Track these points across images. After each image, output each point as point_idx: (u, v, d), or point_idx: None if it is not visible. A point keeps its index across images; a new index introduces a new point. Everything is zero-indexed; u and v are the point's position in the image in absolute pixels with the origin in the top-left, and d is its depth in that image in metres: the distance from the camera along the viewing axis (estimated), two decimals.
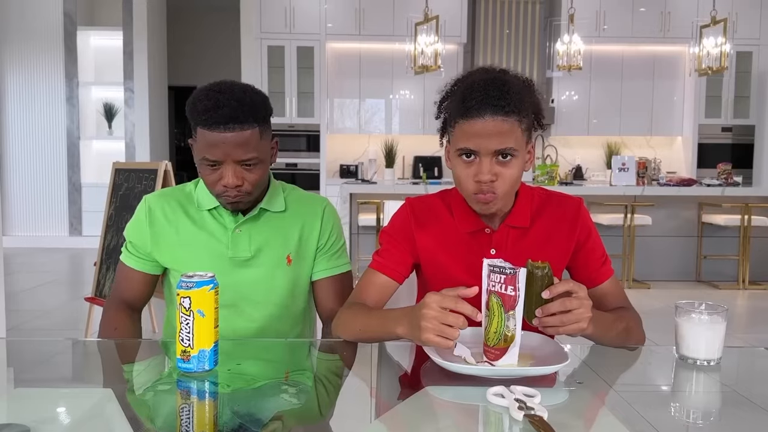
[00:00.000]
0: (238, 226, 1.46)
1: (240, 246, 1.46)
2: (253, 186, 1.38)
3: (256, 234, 1.47)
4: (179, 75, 9.02)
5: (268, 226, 1.49)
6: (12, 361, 1.28)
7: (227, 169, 1.34)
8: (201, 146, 1.34)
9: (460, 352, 1.09)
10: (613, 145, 7.67)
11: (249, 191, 1.38)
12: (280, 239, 1.49)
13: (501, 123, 1.19)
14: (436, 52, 5.76)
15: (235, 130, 1.31)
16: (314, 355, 1.35)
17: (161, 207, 1.51)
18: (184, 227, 1.48)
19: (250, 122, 1.33)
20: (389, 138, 7.61)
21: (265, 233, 1.48)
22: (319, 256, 1.55)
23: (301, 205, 1.54)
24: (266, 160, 1.40)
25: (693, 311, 1.16)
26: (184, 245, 1.48)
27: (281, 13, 7.21)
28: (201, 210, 1.48)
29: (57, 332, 3.89)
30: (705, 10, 6.67)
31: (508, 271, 1.05)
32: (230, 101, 1.32)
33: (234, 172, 1.34)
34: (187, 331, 1.05)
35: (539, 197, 1.37)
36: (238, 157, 1.33)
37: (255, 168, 1.37)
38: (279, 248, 1.48)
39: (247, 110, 1.33)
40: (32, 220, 7.31)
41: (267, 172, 1.44)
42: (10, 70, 7.16)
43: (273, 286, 1.49)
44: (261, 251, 1.47)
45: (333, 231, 1.56)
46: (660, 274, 5.57)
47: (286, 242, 1.49)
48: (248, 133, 1.33)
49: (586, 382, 1.12)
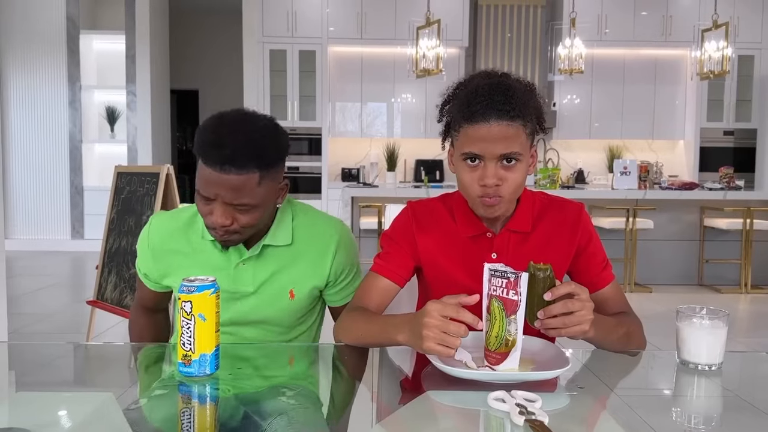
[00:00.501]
0: (242, 261, 1.40)
1: (243, 281, 1.40)
2: (244, 228, 1.30)
3: (261, 269, 1.40)
4: (181, 78, 9.04)
5: (274, 262, 1.41)
6: (13, 365, 1.28)
7: (217, 208, 1.26)
8: (198, 177, 1.28)
9: (461, 357, 1.09)
10: (614, 149, 7.66)
11: (238, 232, 1.30)
12: (285, 275, 1.41)
13: (506, 128, 1.20)
14: (438, 55, 5.77)
15: (231, 173, 1.22)
16: (315, 360, 1.35)
17: (162, 235, 1.46)
18: (187, 255, 1.43)
19: (249, 168, 1.23)
20: (391, 141, 7.62)
21: (271, 269, 1.41)
22: (332, 288, 1.48)
23: (311, 239, 1.43)
24: (263, 205, 1.30)
25: (694, 316, 1.16)
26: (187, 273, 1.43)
27: (283, 17, 7.22)
28: (205, 240, 1.41)
29: (59, 335, 3.89)
30: (706, 14, 6.67)
31: (510, 276, 1.05)
32: (234, 141, 1.23)
33: (223, 212, 1.26)
34: (188, 335, 1.05)
35: (540, 202, 1.37)
36: (229, 200, 1.25)
37: (248, 212, 1.28)
38: (283, 283, 1.42)
39: (250, 154, 1.23)
40: (34, 223, 7.33)
41: (263, 216, 1.33)
42: (14, 73, 7.18)
43: (271, 315, 1.44)
44: (264, 286, 1.41)
45: (346, 267, 1.46)
46: (662, 278, 5.57)
47: (291, 278, 1.42)
48: (244, 178, 1.23)
49: (588, 386, 1.12)
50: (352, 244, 1.49)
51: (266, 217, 1.35)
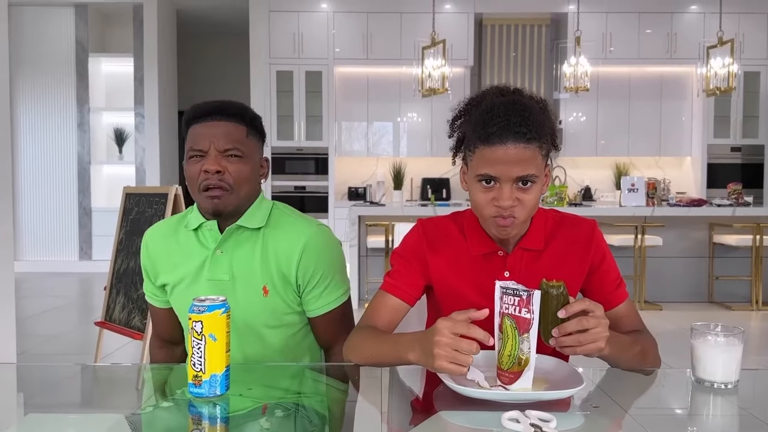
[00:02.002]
0: (219, 247, 1.43)
1: (219, 268, 1.43)
2: (234, 180, 1.37)
3: (237, 257, 1.43)
4: (189, 100, 9.06)
5: (248, 250, 1.44)
6: (22, 387, 1.28)
7: (210, 156, 1.37)
8: (189, 142, 1.39)
9: (473, 376, 1.08)
10: (621, 166, 7.66)
11: (230, 184, 1.37)
12: (258, 268, 1.43)
13: (523, 150, 1.19)
14: (444, 75, 5.80)
15: (221, 121, 1.38)
16: (325, 379, 1.34)
17: (154, 237, 1.52)
18: (173, 250, 1.49)
19: (236, 119, 1.40)
20: (397, 160, 7.64)
21: (245, 259, 1.43)
22: (306, 296, 1.47)
23: (283, 231, 1.45)
24: (251, 160, 1.41)
25: (709, 333, 1.14)
26: (175, 269, 1.48)
27: (290, 39, 7.29)
28: (188, 230, 1.47)
29: (67, 357, 3.89)
30: (711, 31, 6.70)
31: (523, 294, 1.04)
32: (220, 101, 1.42)
33: (215, 159, 1.36)
34: (198, 355, 1.04)
35: (553, 220, 1.36)
36: (221, 146, 1.36)
37: (237, 162, 1.38)
38: (256, 276, 1.43)
39: (235, 108, 1.41)
40: (42, 244, 7.36)
41: (251, 176, 1.42)
42: (24, 96, 7.27)
43: (251, 316, 1.44)
44: (239, 276, 1.43)
45: (318, 270, 1.45)
46: (672, 295, 5.52)
47: (263, 271, 1.43)
48: (232, 126, 1.39)
49: (602, 406, 1.10)
50: (325, 248, 1.47)
51: (248, 184, 1.41)
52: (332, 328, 1.50)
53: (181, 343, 1.61)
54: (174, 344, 1.62)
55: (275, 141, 7.37)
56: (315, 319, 1.49)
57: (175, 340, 1.61)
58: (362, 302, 5.32)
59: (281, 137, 7.39)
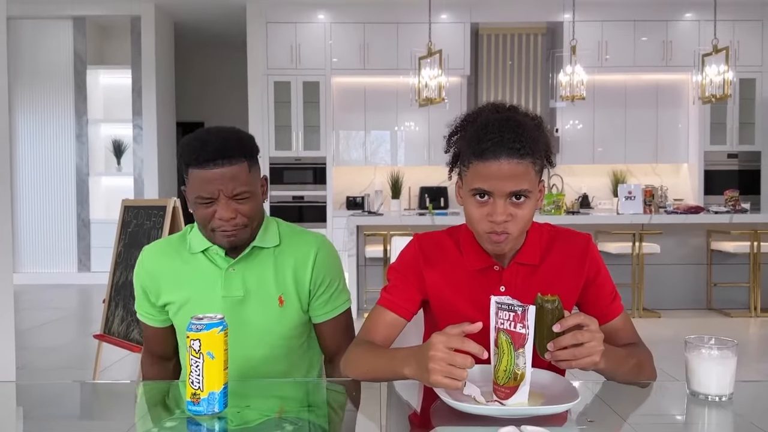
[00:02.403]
0: (232, 266, 1.46)
1: (233, 285, 1.45)
2: (248, 218, 1.40)
3: (250, 273, 1.46)
4: (187, 111, 9.14)
5: (261, 266, 1.47)
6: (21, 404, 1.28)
7: (221, 204, 1.36)
8: (194, 186, 1.37)
9: (469, 392, 1.09)
10: (618, 174, 7.68)
11: (245, 224, 1.40)
12: (272, 279, 1.47)
13: (516, 165, 1.20)
14: (440, 85, 5.82)
15: (225, 165, 1.35)
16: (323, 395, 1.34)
17: (153, 256, 1.53)
18: (178, 270, 1.49)
19: (238, 157, 1.36)
20: (395, 169, 7.65)
21: (258, 273, 1.47)
22: (315, 301, 1.51)
23: (295, 244, 1.51)
24: (257, 193, 1.43)
25: (702, 346, 1.15)
26: (179, 288, 1.48)
27: (287, 50, 7.33)
28: (193, 252, 1.48)
29: (65, 370, 3.88)
30: (706, 39, 6.73)
31: (518, 309, 1.05)
32: (217, 139, 1.37)
33: (226, 206, 1.36)
34: (197, 373, 1.05)
35: (548, 234, 1.37)
36: (230, 191, 1.36)
37: (247, 202, 1.39)
38: (271, 289, 1.47)
39: (234, 145, 1.37)
40: (41, 256, 7.36)
41: (260, 207, 1.45)
42: (22, 108, 7.28)
43: (266, 327, 1.47)
44: (253, 291, 1.46)
45: (327, 275, 1.51)
46: (670, 302, 5.53)
47: (278, 283, 1.47)
48: (237, 167, 1.36)
49: (597, 419, 1.11)
50: (333, 256, 1.55)
51: (258, 214, 1.44)
52: (338, 334, 1.54)
53: (173, 357, 1.62)
54: (167, 359, 1.62)
55: (273, 151, 7.39)
56: (321, 325, 1.53)
57: (168, 355, 1.61)
58: (361, 312, 5.32)
59: (279, 147, 7.41)
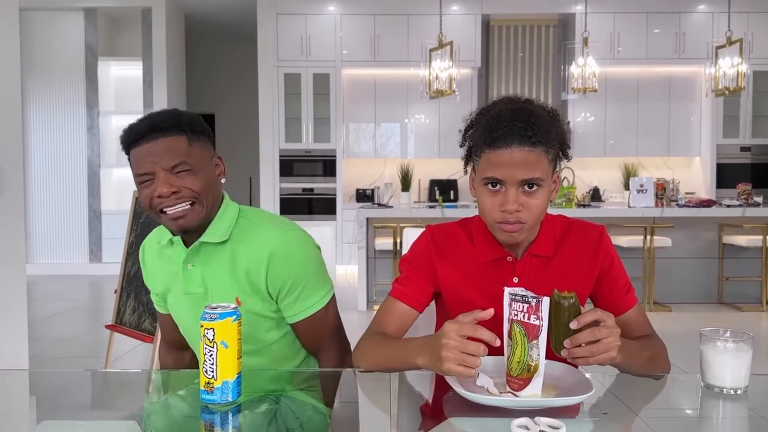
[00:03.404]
0: (189, 261, 1.41)
1: (192, 281, 1.42)
2: (195, 194, 1.33)
3: (207, 270, 1.41)
4: (198, 103, 9.16)
5: (217, 263, 1.41)
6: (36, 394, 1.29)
7: (159, 179, 1.31)
8: (133, 166, 1.34)
9: (482, 383, 1.08)
10: (630, 167, 7.63)
11: (191, 200, 1.33)
12: (228, 279, 1.40)
13: (528, 153, 1.19)
14: (451, 76, 5.80)
15: (158, 138, 1.31)
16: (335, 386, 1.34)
17: (147, 247, 1.55)
18: (154, 262, 1.51)
19: (172, 129, 1.32)
20: (405, 162, 7.64)
21: (214, 270, 1.41)
22: (281, 303, 1.42)
23: (249, 243, 1.40)
24: (203, 169, 1.35)
25: (718, 339, 1.14)
26: (157, 280, 1.52)
27: (298, 42, 7.32)
28: (162, 245, 1.46)
29: (77, 360, 3.92)
30: (719, 31, 6.67)
31: (531, 300, 1.05)
32: (152, 116, 1.35)
33: (165, 180, 1.30)
34: (210, 362, 1.05)
35: (561, 225, 1.37)
36: (167, 164, 1.30)
37: (188, 176, 1.32)
38: (228, 288, 1.40)
39: (169, 119, 1.34)
40: (52, 247, 7.41)
41: (210, 186, 1.37)
42: (34, 100, 7.32)
43: None
44: (212, 289, 1.41)
45: (287, 280, 1.39)
46: (681, 296, 5.50)
47: (234, 283, 1.40)
48: (172, 139, 1.31)
49: (611, 412, 1.11)
50: (293, 256, 1.40)
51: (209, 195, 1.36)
52: (314, 332, 1.46)
53: (188, 347, 1.60)
54: (182, 349, 1.61)
55: (283, 143, 7.39)
56: (294, 325, 1.45)
57: (183, 345, 1.60)
58: (370, 304, 5.33)
59: (289, 139, 7.41)
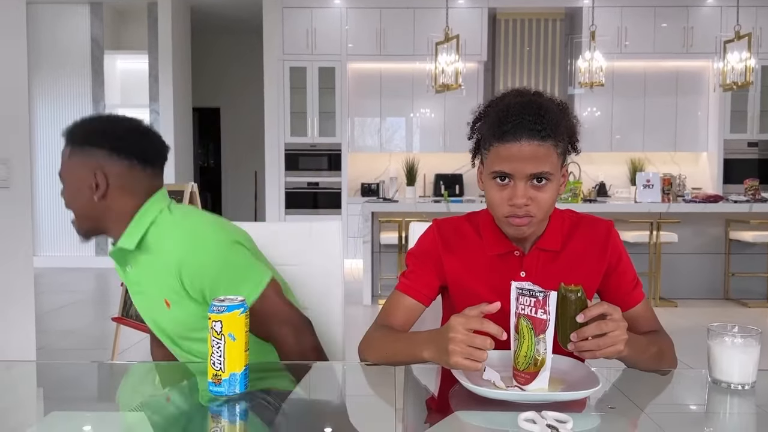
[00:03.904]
0: (120, 263, 1.42)
1: (131, 282, 1.45)
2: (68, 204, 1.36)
3: (139, 272, 1.41)
4: (203, 97, 9.16)
5: (142, 269, 1.40)
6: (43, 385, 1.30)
7: None
8: None
9: (489, 376, 1.08)
10: (636, 162, 7.60)
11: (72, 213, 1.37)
12: (153, 282, 1.38)
13: (537, 147, 1.19)
14: (457, 70, 5.78)
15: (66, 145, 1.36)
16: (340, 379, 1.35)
17: None
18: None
19: (67, 139, 1.35)
20: (410, 156, 7.63)
21: (142, 274, 1.41)
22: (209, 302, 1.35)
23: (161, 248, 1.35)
24: (68, 185, 1.35)
25: (726, 334, 1.14)
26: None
27: (303, 35, 7.30)
28: None
29: (84, 352, 3.93)
30: (728, 25, 6.62)
31: (539, 295, 1.04)
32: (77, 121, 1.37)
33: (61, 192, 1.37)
34: (218, 354, 1.06)
35: (569, 220, 1.36)
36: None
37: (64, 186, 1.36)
38: (154, 291, 1.39)
39: (69, 128, 1.35)
40: (59, 240, 7.44)
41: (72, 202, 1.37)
42: (40, 93, 7.33)
43: (167, 327, 1.43)
44: (145, 291, 1.42)
45: (204, 282, 1.33)
46: (687, 292, 5.49)
47: (158, 286, 1.37)
48: (66, 150, 1.35)
49: (618, 406, 1.11)
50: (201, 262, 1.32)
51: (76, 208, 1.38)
52: (257, 324, 1.33)
53: None
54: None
55: (288, 137, 7.39)
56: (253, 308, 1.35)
57: None
58: (375, 298, 5.33)
59: (294, 133, 7.41)
